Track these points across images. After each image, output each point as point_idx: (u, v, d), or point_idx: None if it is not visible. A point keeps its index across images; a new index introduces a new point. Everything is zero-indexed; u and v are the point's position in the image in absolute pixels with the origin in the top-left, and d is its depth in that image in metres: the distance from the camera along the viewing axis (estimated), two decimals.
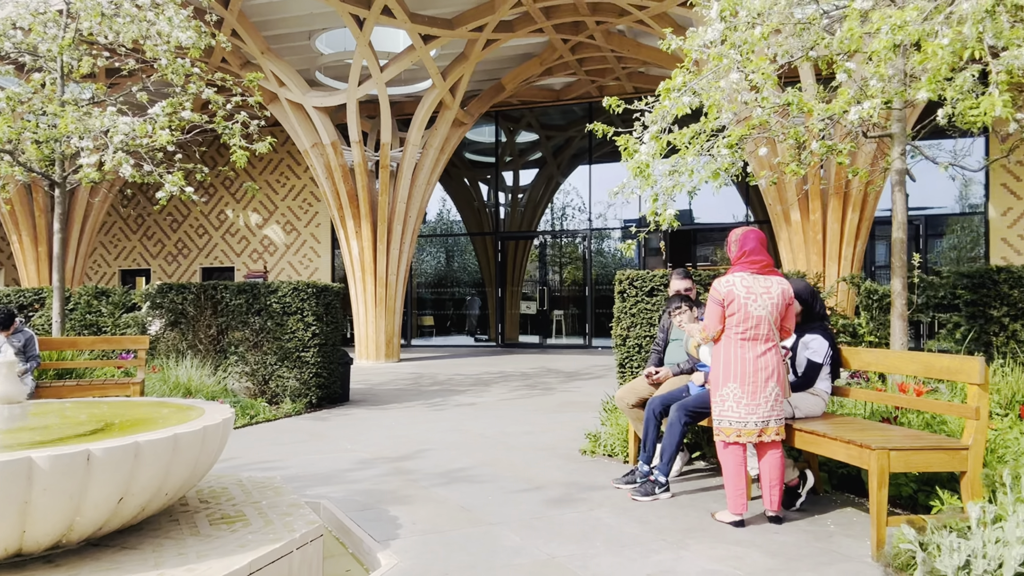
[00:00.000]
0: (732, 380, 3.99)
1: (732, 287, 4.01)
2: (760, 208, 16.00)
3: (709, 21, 4.83)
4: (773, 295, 4.03)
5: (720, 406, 4.04)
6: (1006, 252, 13.94)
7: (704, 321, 4.09)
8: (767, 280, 4.07)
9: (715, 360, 4.08)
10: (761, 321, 3.99)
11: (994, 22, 3.62)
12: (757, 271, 4.07)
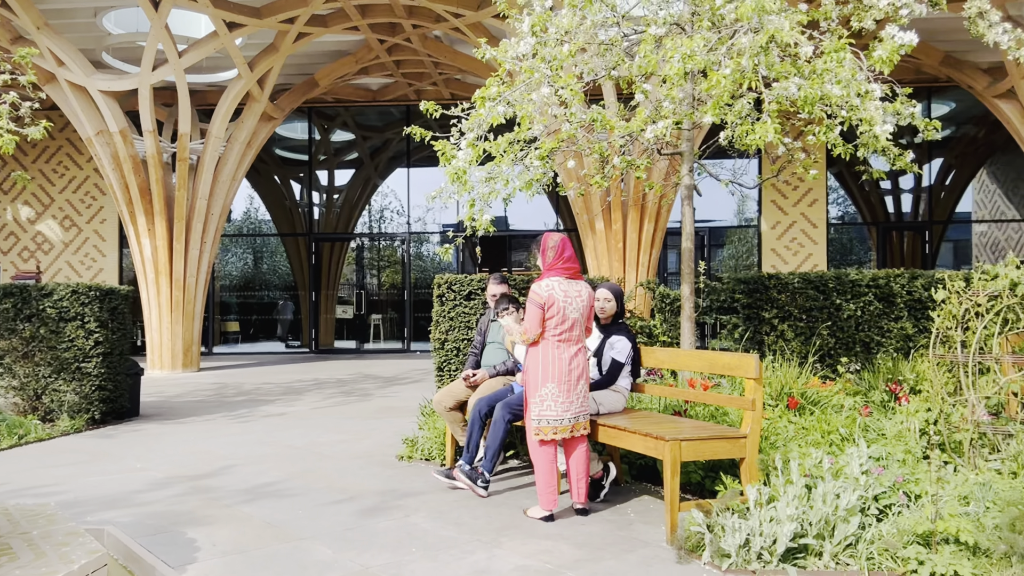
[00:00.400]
0: (551, 380, 4.16)
1: (552, 291, 4.18)
2: (569, 217, 16.83)
3: (521, 34, 5.00)
4: (583, 299, 4.27)
5: (539, 406, 4.17)
6: (775, 261, 15.80)
7: (524, 324, 4.21)
8: (578, 285, 4.30)
9: (532, 362, 4.21)
10: (575, 324, 4.22)
11: (767, 57, 4.09)
12: (570, 276, 4.27)
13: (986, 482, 3.59)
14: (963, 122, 16.48)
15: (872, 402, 5.82)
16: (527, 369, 4.25)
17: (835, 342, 7.37)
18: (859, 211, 17.27)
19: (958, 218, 17.30)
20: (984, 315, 4.39)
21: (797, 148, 5.56)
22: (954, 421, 4.37)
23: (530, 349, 4.24)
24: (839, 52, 4.26)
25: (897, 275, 7.49)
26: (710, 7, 4.51)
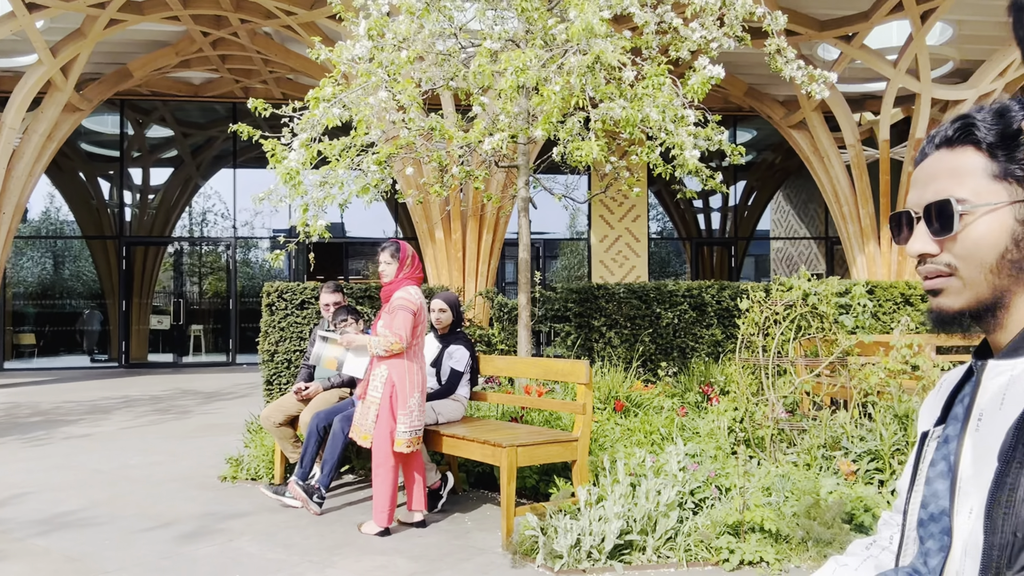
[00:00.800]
0: (417, 390, 4.14)
1: (421, 300, 4.16)
2: (409, 225, 16.71)
3: (357, 37, 4.90)
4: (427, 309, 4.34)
5: (410, 418, 4.10)
6: (603, 272, 16.66)
7: (397, 331, 4.09)
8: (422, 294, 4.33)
9: (399, 372, 4.11)
10: (424, 332, 4.26)
11: (593, 77, 4.30)
12: (418, 286, 4.28)
13: (785, 474, 3.99)
14: (763, 148, 18.35)
15: (688, 403, 6.28)
16: (395, 380, 4.12)
17: (656, 348, 7.89)
18: (676, 227, 18.67)
19: (759, 235, 19.21)
20: (781, 322, 4.89)
21: (622, 167, 5.89)
22: (757, 419, 4.81)
23: (393, 360, 4.12)
24: (659, 78, 4.57)
25: (708, 286, 8.16)
26: (543, 26, 4.68)
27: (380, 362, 4.14)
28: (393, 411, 4.11)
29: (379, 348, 4.07)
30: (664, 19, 4.98)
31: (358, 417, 4.20)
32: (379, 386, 4.13)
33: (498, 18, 5.28)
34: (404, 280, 4.20)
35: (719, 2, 4.88)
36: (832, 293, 4.96)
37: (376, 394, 4.13)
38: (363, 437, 4.12)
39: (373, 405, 4.12)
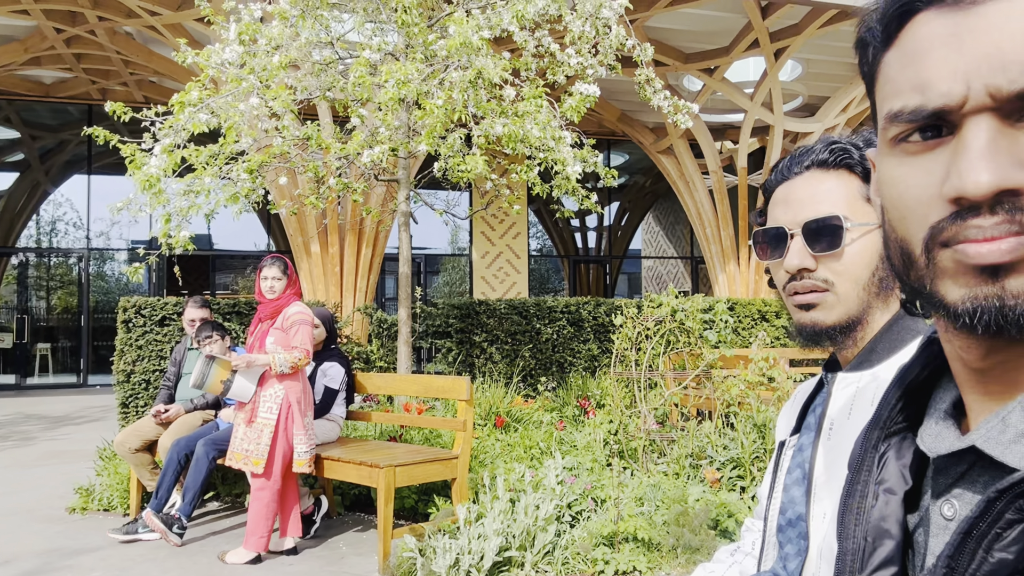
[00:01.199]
0: (310, 408, 4.05)
1: (312, 312, 4.07)
2: (282, 238, 16.12)
3: (227, 41, 4.69)
4: None
5: (305, 436, 3.97)
6: (484, 288, 16.77)
7: (303, 346, 3.91)
8: None
9: (294, 389, 3.96)
10: None
11: (475, 93, 4.33)
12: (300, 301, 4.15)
13: (656, 483, 4.14)
14: (635, 172, 19.19)
15: (566, 417, 6.40)
16: (292, 400, 3.93)
17: (536, 363, 8.00)
18: (554, 245, 19.14)
19: (631, 254, 20.04)
20: (652, 337, 5.10)
21: (503, 184, 5.97)
22: (630, 431, 4.97)
23: (289, 378, 3.96)
24: (538, 98, 4.68)
25: (585, 302, 8.39)
26: (423, 41, 4.67)
27: (275, 381, 3.95)
28: (289, 432, 3.95)
29: (284, 366, 3.88)
30: (541, 43, 5.11)
31: (241, 442, 3.94)
32: (273, 407, 3.93)
33: (377, 30, 5.22)
34: (292, 296, 4.08)
35: (593, 32, 5.06)
36: (697, 310, 5.23)
37: (270, 416, 3.92)
38: (255, 463, 3.89)
39: (267, 427, 3.90)
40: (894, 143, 0.48)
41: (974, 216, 0.43)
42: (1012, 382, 0.47)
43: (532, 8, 4.58)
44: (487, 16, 4.69)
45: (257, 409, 3.95)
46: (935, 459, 0.52)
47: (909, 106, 0.46)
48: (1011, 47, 0.42)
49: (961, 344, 0.49)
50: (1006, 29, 0.42)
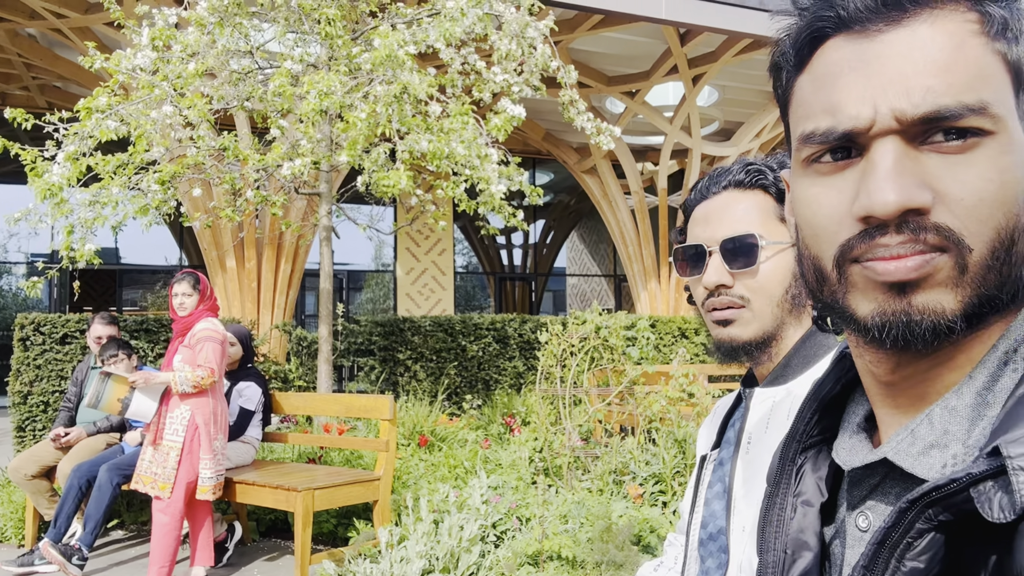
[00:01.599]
0: (221, 431, 3.83)
1: (223, 328, 3.83)
2: (195, 252, 15.51)
3: (139, 46, 4.49)
4: None
5: (214, 461, 3.76)
6: (409, 305, 16.60)
7: (208, 364, 3.69)
8: None
9: (204, 411, 3.75)
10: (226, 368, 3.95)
11: (400, 108, 4.29)
12: (216, 317, 3.95)
13: (580, 500, 4.14)
14: (560, 191, 19.47)
15: (491, 435, 6.36)
16: (200, 421, 3.72)
17: (461, 381, 7.94)
18: (480, 262, 19.15)
19: (556, 271, 20.27)
20: (577, 354, 5.14)
21: (428, 200, 5.92)
22: (555, 448, 4.98)
23: (197, 398, 3.73)
24: (464, 115, 4.67)
25: (511, 319, 8.40)
26: (347, 53, 4.60)
27: (182, 401, 3.74)
28: (195, 455, 3.74)
29: (185, 385, 3.67)
30: (468, 60, 5.12)
31: (148, 465, 3.73)
32: (179, 429, 3.72)
33: (299, 40, 5.11)
34: (204, 312, 3.88)
35: (519, 51, 5.11)
36: (620, 327, 5.30)
37: (176, 438, 3.71)
38: (161, 487, 3.67)
39: (173, 450, 3.69)
40: (807, 164, 0.49)
41: (882, 234, 0.45)
42: (920, 395, 0.49)
43: (459, 27, 4.58)
44: (412, 32, 4.66)
45: (163, 430, 3.75)
46: (849, 472, 0.53)
47: (820, 128, 0.47)
48: (914, 73, 0.44)
49: (871, 358, 0.50)
50: (910, 56, 0.44)
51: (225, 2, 4.52)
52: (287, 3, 4.75)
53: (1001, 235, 0.44)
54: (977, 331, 0.46)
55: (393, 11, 5.47)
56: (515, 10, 5.19)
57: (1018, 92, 0.46)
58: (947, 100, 0.43)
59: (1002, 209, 0.44)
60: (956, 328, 0.44)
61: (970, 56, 0.44)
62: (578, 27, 10.24)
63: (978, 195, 0.43)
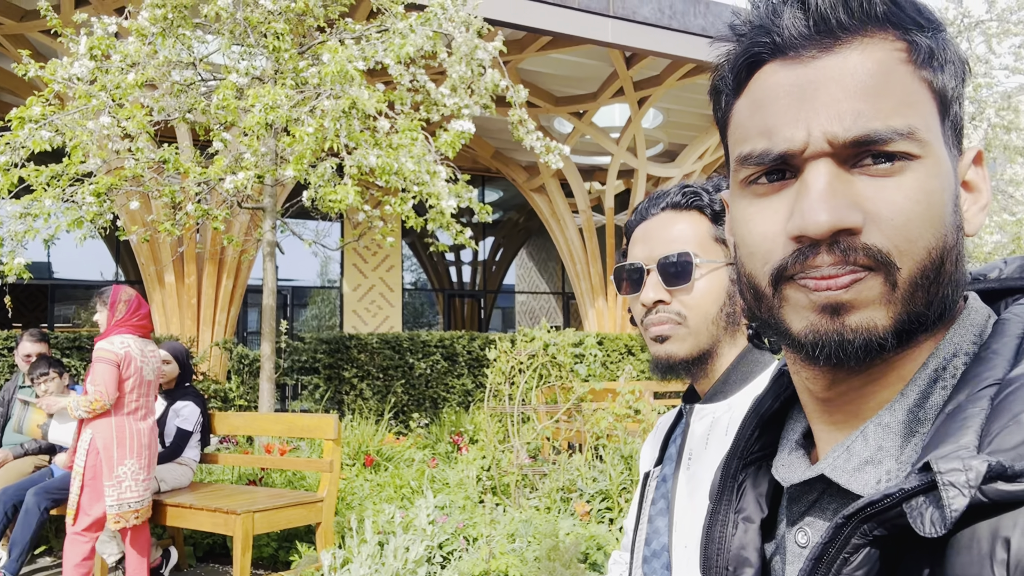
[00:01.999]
0: (130, 456, 3.59)
1: (129, 349, 3.60)
2: (132, 267, 15.02)
3: (76, 55, 4.35)
4: (157, 361, 3.83)
5: (118, 489, 3.55)
6: (356, 322, 16.37)
7: (98, 387, 3.49)
8: (149, 345, 3.82)
9: (105, 435, 3.54)
10: (151, 388, 3.73)
11: (348, 123, 4.25)
12: (143, 335, 3.77)
13: (528, 519, 4.13)
14: (509, 208, 19.57)
15: (439, 454, 6.30)
16: (100, 446, 3.53)
17: (408, 399, 7.85)
18: (429, 278, 19.05)
19: (505, 288, 20.31)
20: (525, 371, 5.14)
21: (376, 216, 5.87)
22: (503, 466, 4.96)
23: (98, 421, 3.54)
24: (413, 132, 4.66)
25: (460, 336, 8.37)
26: (294, 67, 4.55)
27: (85, 425, 3.57)
28: (99, 482, 3.55)
29: (79, 410, 3.49)
30: (417, 78, 5.12)
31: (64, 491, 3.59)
32: (82, 454, 3.55)
33: (245, 53, 5.03)
34: (117, 328, 3.66)
35: (469, 72, 5.14)
36: (568, 344, 5.34)
37: (79, 464, 3.54)
38: (69, 514, 3.52)
39: (77, 476, 3.53)
40: (744, 184, 0.51)
41: (815, 254, 0.46)
42: (855, 412, 0.50)
43: (410, 45, 4.58)
44: (361, 48, 4.64)
45: (75, 456, 3.62)
46: (788, 488, 0.54)
47: (757, 150, 0.49)
48: (846, 98, 0.46)
49: (807, 375, 0.51)
50: (841, 82, 0.46)
51: (168, 13, 4.42)
52: (233, 16, 4.68)
53: (930, 255, 0.46)
54: (908, 349, 0.48)
55: (341, 26, 5.44)
56: (464, 30, 5.22)
57: (944, 118, 0.48)
58: (877, 124, 0.45)
59: (930, 230, 0.46)
60: (887, 345, 0.46)
61: (898, 83, 0.46)
62: (527, 48, 10.36)
63: (906, 216, 0.45)
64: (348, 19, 5.53)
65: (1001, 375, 0.44)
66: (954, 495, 0.39)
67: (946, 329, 0.49)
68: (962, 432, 0.41)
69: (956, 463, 0.39)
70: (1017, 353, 0.45)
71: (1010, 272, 0.53)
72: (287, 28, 4.57)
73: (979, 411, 0.42)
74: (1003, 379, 0.43)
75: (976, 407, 0.43)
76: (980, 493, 0.39)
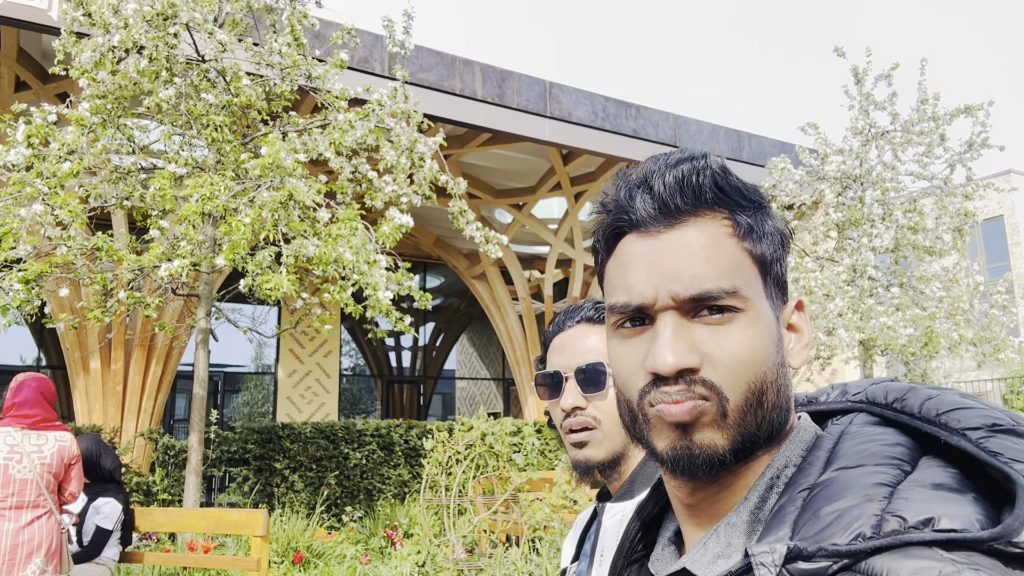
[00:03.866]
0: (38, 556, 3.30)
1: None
2: (56, 352, 14.39)
3: (12, 143, 4.33)
4: (46, 454, 3.54)
5: None
6: (290, 409, 15.91)
7: None
8: (41, 436, 3.57)
9: None
10: (27, 485, 3.44)
11: (286, 213, 4.32)
12: (29, 426, 3.54)
13: None
14: (450, 294, 19.69)
15: (372, 549, 6.09)
16: None
17: (342, 491, 7.61)
18: (367, 364, 18.78)
19: (445, 374, 20.15)
20: (463, 461, 5.10)
21: (315, 303, 5.86)
22: (438, 561, 4.84)
23: None
24: (352, 221, 4.75)
25: (397, 425, 8.24)
26: (235, 158, 4.62)
27: None
28: None
29: None
30: (359, 169, 5.26)
31: None
32: None
33: (185, 144, 5.10)
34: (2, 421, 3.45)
35: (409, 163, 5.32)
36: (506, 433, 5.34)
37: None
38: None
39: None
40: (615, 327, 0.62)
41: (666, 385, 0.57)
42: (713, 514, 0.60)
43: (349, 137, 4.73)
44: (303, 141, 4.77)
45: None
46: None
47: (620, 302, 0.61)
48: (684, 264, 0.58)
49: (674, 484, 0.62)
50: (681, 252, 0.59)
51: (108, 103, 4.47)
52: (175, 107, 4.76)
53: (752, 387, 0.57)
54: (749, 463, 0.59)
55: (285, 119, 5.58)
56: (406, 124, 5.43)
57: (765, 277, 0.61)
58: (708, 285, 0.57)
59: (752, 368, 0.57)
60: (727, 460, 0.57)
61: (725, 252, 0.59)
62: (469, 143, 10.75)
63: (734, 357, 0.57)
64: (292, 112, 5.69)
65: (812, 481, 0.54)
66: (764, 573, 0.49)
67: (780, 444, 0.60)
68: (781, 526, 0.52)
69: (766, 547, 0.50)
70: (826, 464, 0.55)
71: (834, 397, 0.65)
72: (227, 120, 4.67)
73: (794, 509, 0.52)
74: (813, 484, 0.54)
75: (793, 506, 0.53)
76: (785, 571, 0.48)
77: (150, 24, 4.54)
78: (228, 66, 4.96)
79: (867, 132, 8.37)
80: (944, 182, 8.28)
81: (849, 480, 0.52)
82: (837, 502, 0.50)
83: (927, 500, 0.48)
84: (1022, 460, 0.49)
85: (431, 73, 9.43)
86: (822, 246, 8.99)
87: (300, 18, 5.64)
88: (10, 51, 8.80)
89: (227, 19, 5.42)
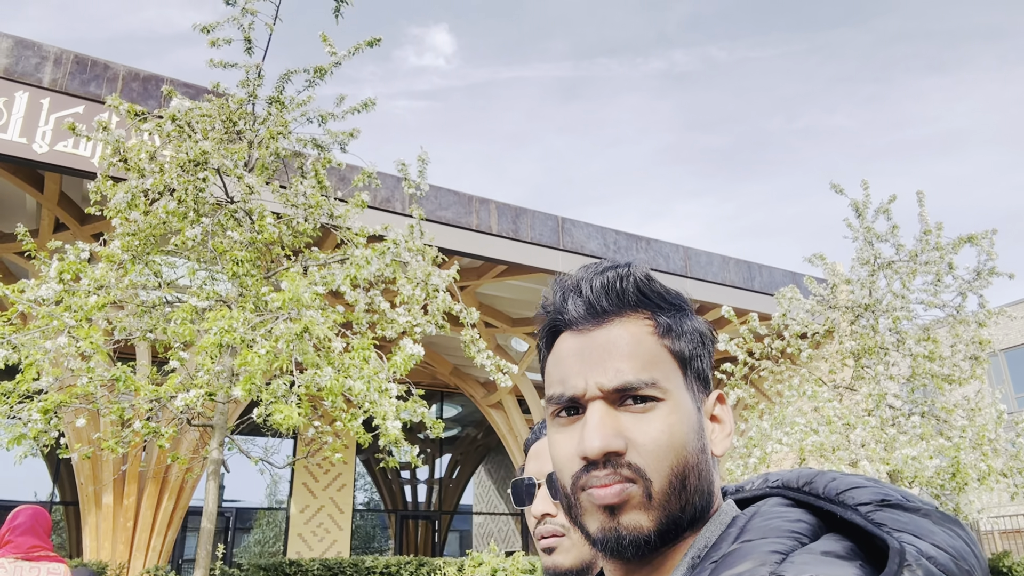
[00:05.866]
0: None
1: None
2: (71, 487, 14.28)
3: (44, 278, 4.59)
4: None
5: None
6: (301, 547, 15.40)
7: None
8: (34, 568, 3.51)
9: None
10: None
11: (301, 344, 4.45)
12: (22, 556, 3.49)
13: None
14: (467, 424, 19.45)
15: None
16: None
17: None
18: (382, 498, 18.31)
19: (462, 509, 19.51)
20: None
21: (329, 432, 5.87)
22: None
23: None
24: (366, 351, 4.87)
25: (407, 562, 7.96)
26: (256, 292, 4.83)
27: None
28: None
29: None
30: (374, 301, 5.44)
31: None
32: None
33: (209, 278, 5.35)
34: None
35: (423, 295, 5.51)
36: (519, 570, 5.15)
37: None
38: None
39: None
40: (552, 416, 0.69)
41: (595, 469, 0.63)
42: None
43: (366, 271, 4.95)
44: (323, 275, 4.99)
45: None
46: None
47: (555, 393, 0.68)
48: (610, 359, 0.66)
49: (609, 566, 0.67)
50: (607, 348, 0.66)
51: (137, 240, 4.76)
52: (203, 243, 5.05)
53: (674, 471, 0.62)
54: (675, 545, 0.63)
55: (307, 255, 5.86)
56: (421, 258, 5.67)
57: (686, 371, 0.67)
58: (631, 377, 0.64)
59: (673, 452, 0.62)
60: (651, 542, 0.61)
61: (646, 348, 0.66)
62: (484, 275, 11.07)
63: (656, 442, 0.62)
64: (315, 248, 5.98)
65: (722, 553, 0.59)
66: None
67: (702, 526, 0.65)
68: None
69: None
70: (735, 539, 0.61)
71: (757, 485, 0.71)
72: (250, 256, 4.93)
73: None
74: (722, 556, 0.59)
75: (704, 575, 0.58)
76: None
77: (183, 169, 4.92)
78: (255, 207, 5.30)
79: (873, 263, 8.51)
80: (957, 310, 8.29)
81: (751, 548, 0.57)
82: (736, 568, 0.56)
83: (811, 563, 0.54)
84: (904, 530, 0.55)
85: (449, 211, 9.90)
86: (839, 375, 8.91)
87: (325, 163, 6.06)
88: (52, 195, 9.43)
89: (256, 163, 5.84)
